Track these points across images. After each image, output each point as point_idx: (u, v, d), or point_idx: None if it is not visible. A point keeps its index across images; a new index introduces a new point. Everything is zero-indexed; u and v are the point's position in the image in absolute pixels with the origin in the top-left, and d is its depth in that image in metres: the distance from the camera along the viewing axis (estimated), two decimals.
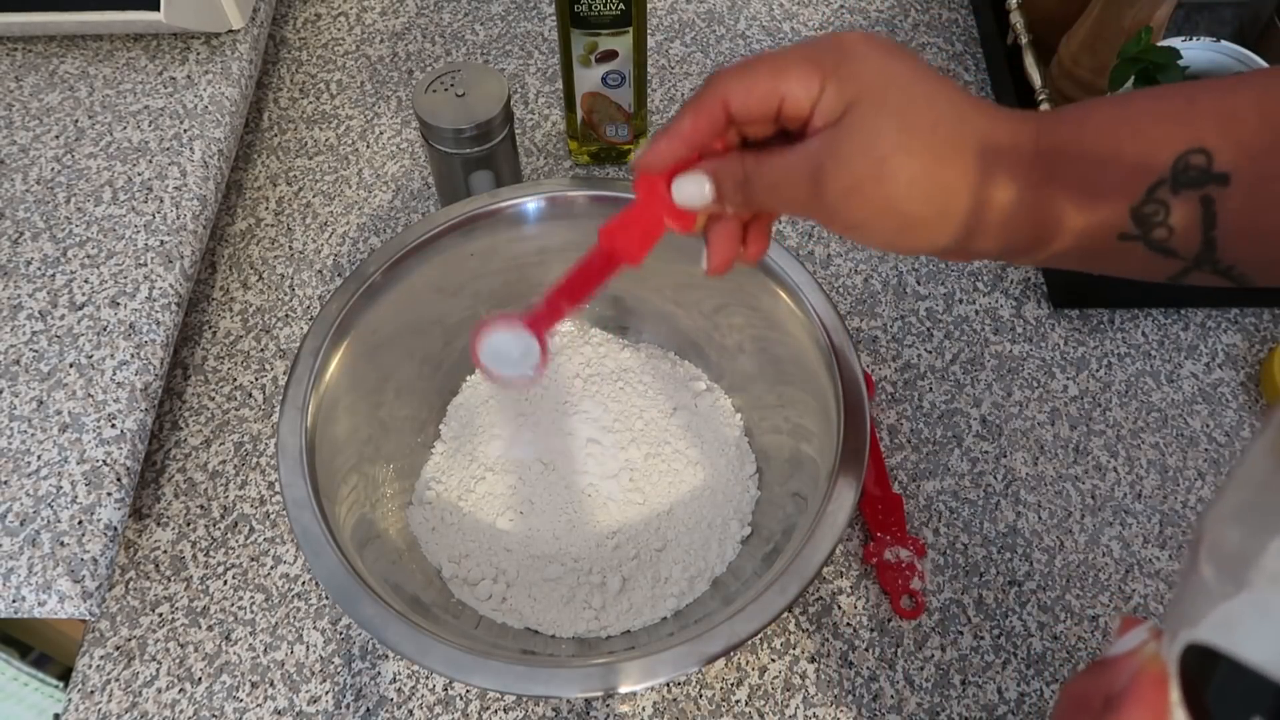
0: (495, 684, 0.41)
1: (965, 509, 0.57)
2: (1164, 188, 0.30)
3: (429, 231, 0.54)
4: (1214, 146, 0.29)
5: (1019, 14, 0.73)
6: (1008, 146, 0.33)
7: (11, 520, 0.51)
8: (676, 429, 0.57)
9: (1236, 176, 0.29)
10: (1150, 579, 0.55)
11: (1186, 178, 0.30)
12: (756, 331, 0.57)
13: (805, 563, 0.43)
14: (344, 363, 0.51)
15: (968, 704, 0.51)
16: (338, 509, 0.48)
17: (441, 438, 0.58)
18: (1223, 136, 0.29)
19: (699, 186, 0.36)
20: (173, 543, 0.57)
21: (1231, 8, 0.75)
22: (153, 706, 0.52)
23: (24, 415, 0.54)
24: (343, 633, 0.54)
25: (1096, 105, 0.33)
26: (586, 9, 0.60)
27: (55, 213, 0.63)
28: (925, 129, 0.32)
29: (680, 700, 0.52)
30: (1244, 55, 0.59)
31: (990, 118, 0.34)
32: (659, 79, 0.78)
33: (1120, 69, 0.58)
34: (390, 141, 0.75)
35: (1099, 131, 0.32)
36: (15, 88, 0.70)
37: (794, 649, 0.53)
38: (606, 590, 0.52)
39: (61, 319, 0.58)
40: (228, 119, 0.68)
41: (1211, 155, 0.29)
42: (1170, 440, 0.59)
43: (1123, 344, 0.63)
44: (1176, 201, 0.30)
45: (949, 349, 0.64)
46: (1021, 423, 0.60)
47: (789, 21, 0.81)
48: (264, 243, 0.70)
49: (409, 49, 0.80)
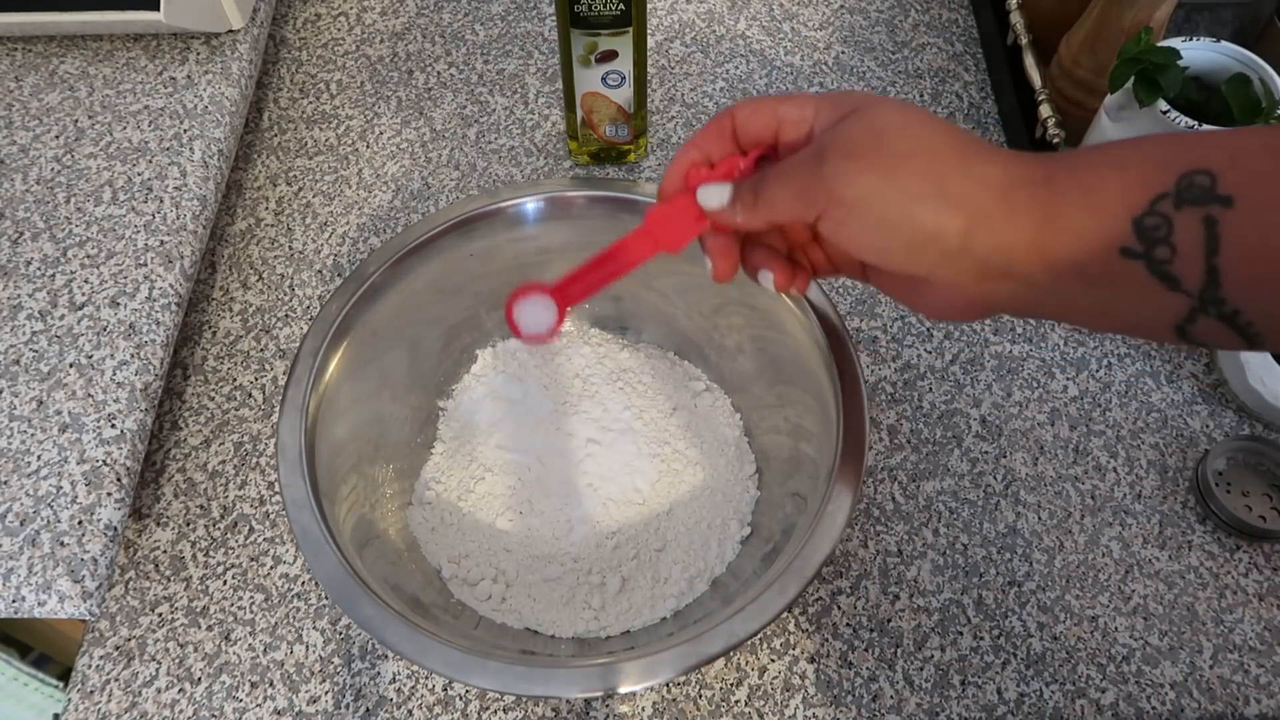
0: (495, 684, 0.41)
1: (965, 509, 0.57)
2: (1167, 200, 0.30)
3: (429, 231, 0.54)
4: (1219, 170, 0.29)
5: (1019, 14, 0.73)
6: (1002, 151, 0.34)
7: (11, 520, 0.51)
8: (676, 429, 0.57)
9: (1240, 202, 0.29)
10: (1150, 579, 0.55)
11: (1190, 194, 0.30)
12: (756, 331, 0.57)
13: (805, 563, 0.43)
14: (344, 363, 0.51)
15: (967, 704, 0.51)
16: (337, 509, 0.48)
17: (441, 438, 0.58)
18: (1228, 163, 0.30)
19: (720, 191, 0.39)
20: (172, 543, 0.57)
21: (1231, 8, 0.75)
22: (152, 706, 0.52)
23: (24, 415, 0.54)
24: (342, 633, 0.54)
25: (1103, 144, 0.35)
26: (586, 9, 0.60)
27: (55, 213, 0.63)
28: (921, 123, 0.34)
29: (680, 700, 0.52)
30: (1244, 55, 0.59)
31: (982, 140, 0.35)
32: (659, 79, 0.78)
33: (1120, 69, 0.58)
34: (390, 141, 0.75)
35: (1105, 150, 0.33)
36: (15, 88, 0.70)
37: (794, 649, 0.53)
38: (606, 590, 0.52)
39: (61, 319, 0.58)
40: (228, 119, 0.68)
41: (1216, 177, 0.29)
42: (1170, 440, 0.59)
43: (1123, 344, 0.63)
44: (1179, 218, 0.30)
45: (949, 349, 0.64)
46: (1021, 423, 0.60)
47: (789, 21, 0.81)
48: (264, 243, 0.70)
49: (409, 49, 0.81)
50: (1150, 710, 0.51)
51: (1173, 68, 0.56)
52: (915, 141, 0.34)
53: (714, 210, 0.39)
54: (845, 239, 0.35)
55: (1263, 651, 0.52)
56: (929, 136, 0.34)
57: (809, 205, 0.35)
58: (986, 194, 0.33)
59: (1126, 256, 0.31)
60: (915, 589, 0.55)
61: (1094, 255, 0.32)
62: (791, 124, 0.38)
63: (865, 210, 0.34)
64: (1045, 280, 0.33)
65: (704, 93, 0.77)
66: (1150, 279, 0.31)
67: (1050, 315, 0.36)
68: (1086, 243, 0.32)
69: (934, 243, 0.34)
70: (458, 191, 0.72)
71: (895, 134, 0.34)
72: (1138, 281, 0.31)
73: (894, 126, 0.34)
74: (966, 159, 0.34)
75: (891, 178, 0.33)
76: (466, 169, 0.73)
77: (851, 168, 0.34)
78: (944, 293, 0.36)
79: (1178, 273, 0.30)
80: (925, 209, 0.33)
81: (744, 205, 0.38)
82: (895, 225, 0.34)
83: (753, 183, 0.38)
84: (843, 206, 0.34)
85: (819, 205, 0.35)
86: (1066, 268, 0.33)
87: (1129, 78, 0.58)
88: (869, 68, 0.78)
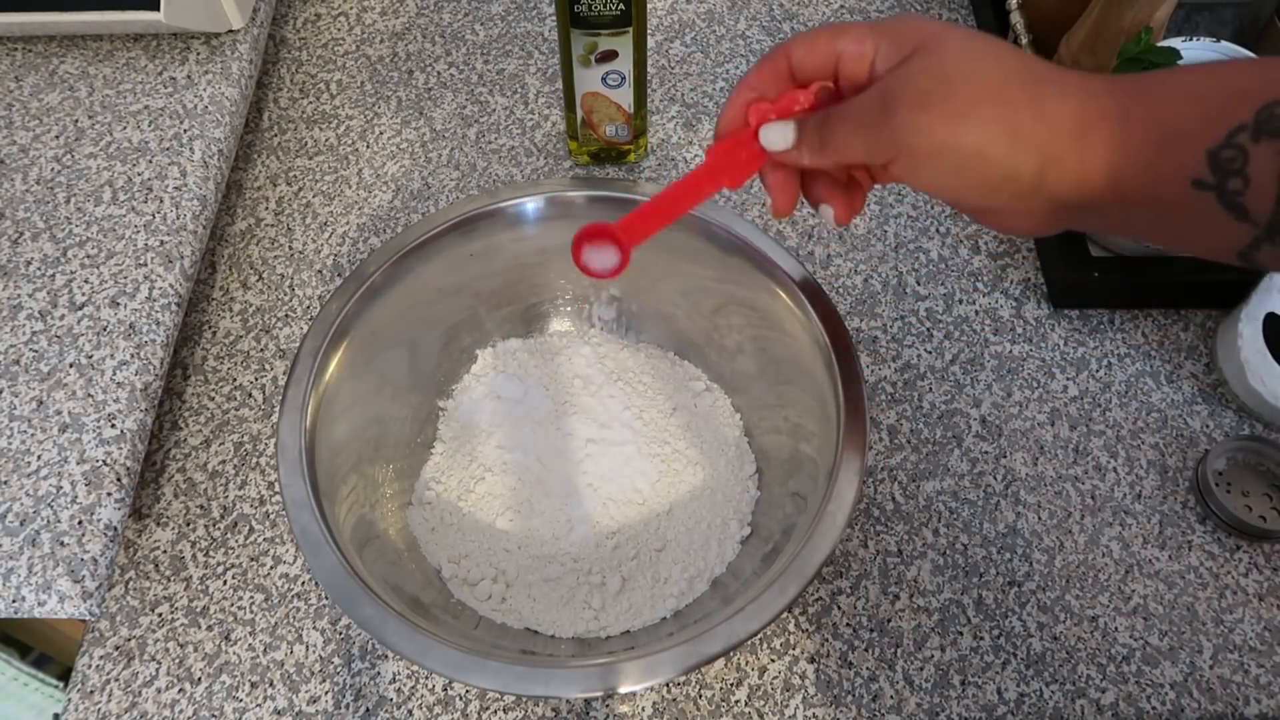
0: (495, 684, 0.41)
1: (965, 509, 0.57)
2: (1245, 133, 0.29)
3: (429, 231, 0.54)
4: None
5: (1019, 14, 0.73)
6: (1075, 82, 0.33)
7: (11, 520, 0.51)
8: (676, 429, 0.57)
9: None
10: (1150, 579, 0.55)
11: (1270, 126, 0.29)
12: (756, 331, 0.57)
13: (805, 563, 0.43)
14: (344, 363, 0.51)
15: (967, 704, 0.51)
16: (337, 509, 0.48)
17: (441, 438, 0.58)
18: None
19: (783, 131, 0.38)
20: (172, 543, 0.57)
21: (1231, 8, 0.75)
22: (152, 706, 0.52)
23: (24, 415, 0.54)
24: (342, 633, 0.54)
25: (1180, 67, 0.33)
26: (586, 9, 0.60)
27: (55, 213, 0.63)
28: (990, 59, 0.33)
29: (680, 700, 0.52)
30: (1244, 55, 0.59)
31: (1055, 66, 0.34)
32: (659, 79, 0.78)
33: (1120, 69, 0.58)
34: (390, 141, 0.75)
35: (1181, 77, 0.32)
36: (15, 88, 0.70)
37: (794, 649, 0.53)
38: (606, 590, 0.52)
39: (61, 319, 0.58)
40: (228, 119, 0.68)
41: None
42: (1170, 440, 0.59)
43: (1123, 344, 0.63)
44: (1256, 150, 0.29)
45: (949, 349, 0.64)
46: (1021, 423, 0.60)
47: (789, 22, 0.81)
48: (264, 243, 0.70)
49: (409, 49, 0.81)
50: (1150, 710, 0.51)
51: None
52: (984, 84, 0.33)
53: (780, 151, 0.38)
54: (919, 183, 0.35)
55: (1263, 651, 0.52)
56: (998, 75, 0.33)
57: (879, 152, 0.35)
58: (1060, 135, 0.33)
59: (1199, 188, 0.31)
60: (915, 589, 0.55)
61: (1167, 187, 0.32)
62: (851, 59, 0.36)
63: (939, 160, 0.34)
64: (1116, 210, 0.34)
65: (704, 93, 0.77)
66: (1220, 209, 0.31)
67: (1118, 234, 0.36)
68: (1160, 176, 0.32)
69: (1009, 184, 0.34)
70: (458, 191, 0.72)
71: (963, 79, 0.33)
72: (1207, 211, 0.31)
73: (961, 71, 0.33)
74: (1039, 97, 0.33)
75: (963, 127, 0.33)
76: (466, 169, 0.73)
77: (922, 120, 0.33)
78: (1017, 219, 0.36)
79: (1248, 203, 0.30)
80: (999, 155, 0.33)
81: (810, 148, 0.37)
82: (969, 172, 0.34)
83: (817, 123, 0.37)
84: (915, 156, 0.34)
85: (889, 153, 0.35)
86: (1138, 199, 0.33)
87: None
88: None
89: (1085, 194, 0.33)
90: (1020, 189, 0.34)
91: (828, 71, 0.37)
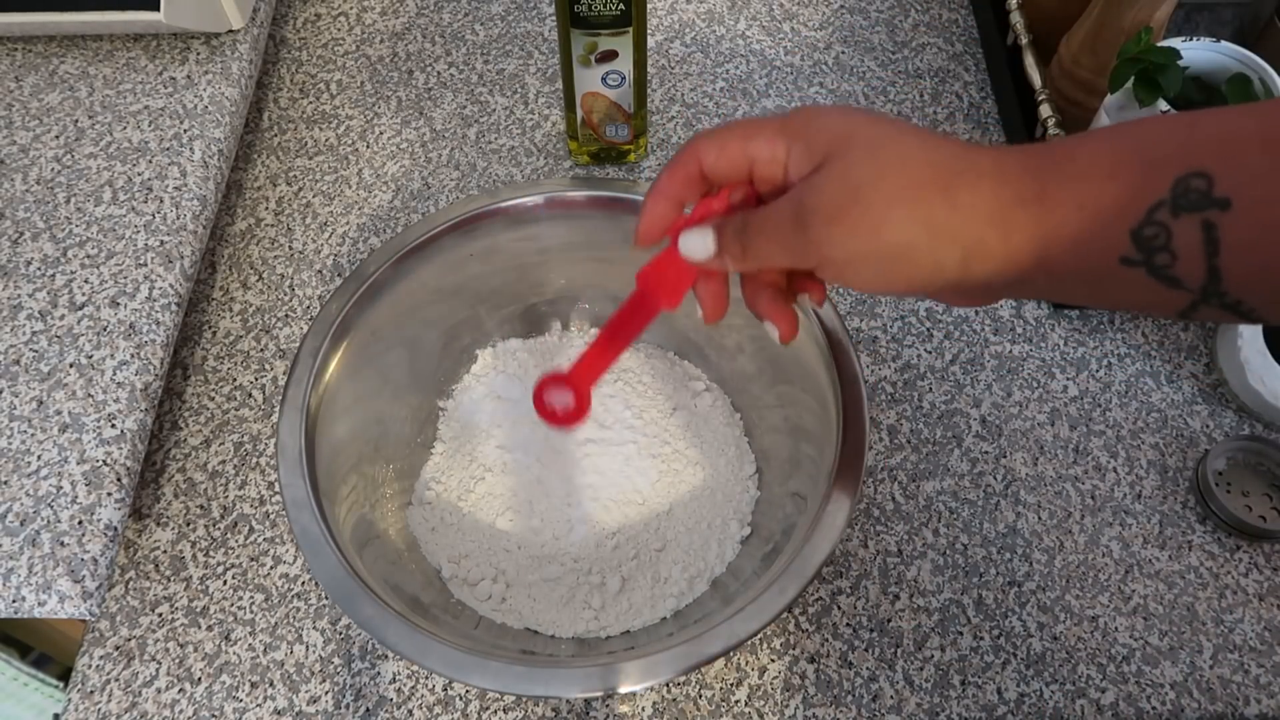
0: (495, 684, 0.41)
1: (965, 509, 0.57)
2: (1164, 209, 0.29)
3: (429, 231, 0.54)
4: (1214, 171, 0.29)
5: (1019, 14, 0.73)
6: (989, 167, 0.33)
7: (11, 520, 0.51)
8: (676, 429, 0.57)
9: (1238, 202, 0.28)
10: (1150, 579, 0.55)
11: (1187, 200, 0.29)
12: (756, 331, 0.56)
13: (805, 563, 0.43)
14: (344, 363, 0.51)
15: (967, 704, 0.51)
16: (337, 509, 0.48)
17: (441, 438, 0.58)
18: (1223, 161, 0.29)
19: (702, 238, 0.37)
20: (172, 543, 0.57)
21: (1231, 8, 0.75)
22: (152, 706, 0.52)
23: (24, 415, 0.54)
24: (342, 633, 0.54)
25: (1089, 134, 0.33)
26: (586, 9, 0.60)
27: (55, 213, 0.63)
28: (897, 160, 0.33)
29: (680, 700, 0.52)
30: (1244, 55, 0.59)
31: (967, 146, 0.34)
32: (659, 79, 0.78)
33: (1120, 69, 0.58)
34: (390, 141, 0.75)
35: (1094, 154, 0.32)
36: (15, 88, 0.70)
37: (794, 649, 0.53)
38: (606, 590, 0.52)
39: (61, 319, 0.58)
40: (228, 119, 0.68)
41: (1212, 179, 0.29)
42: (1170, 440, 0.59)
43: (1123, 344, 0.63)
44: (1177, 225, 0.29)
45: (949, 349, 0.64)
46: (1021, 423, 0.60)
47: (789, 21, 0.81)
48: (264, 243, 0.70)
49: (409, 49, 0.81)
50: (1150, 710, 0.51)
51: (1173, 68, 0.56)
52: (895, 186, 0.33)
53: (701, 261, 0.38)
54: (845, 284, 0.35)
55: (1263, 651, 0.52)
56: (909, 174, 0.33)
57: (802, 260, 0.35)
58: (978, 223, 0.32)
59: (1127, 265, 0.31)
60: (915, 589, 0.55)
61: (1094, 265, 0.32)
62: (764, 163, 0.36)
63: (861, 265, 0.34)
64: (1047, 284, 0.34)
65: (704, 93, 0.77)
66: (1152, 281, 0.31)
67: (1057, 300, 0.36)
68: (1087, 254, 0.32)
69: (936, 275, 0.33)
70: (458, 191, 0.72)
71: (872, 185, 0.33)
72: (1140, 282, 0.31)
73: (869, 177, 0.33)
74: (952, 189, 0.32)
75: (879, 233, 0.33)
76: (466, 169, 0.73)
77: (836, 232, 0.33)
78: (955, 300, 0.36)
79: (1179, 274, 0.30)
80: (920, 253, 0.33)
81: (733, 256, 0.37)
82: (894, 272, 0.34)
83: (736, 230, 0.36)
84: (836, 265, 0.34)
85: (811, 262, 0.35)
86: (1067, 275, 0.33)
87: (1129, 78, 0.58)
88: (869, 68, 0.78)
89: (1013, 274, 0.33)
90: (948, 279, 0.33)
91: (741, 174, 0.37)
